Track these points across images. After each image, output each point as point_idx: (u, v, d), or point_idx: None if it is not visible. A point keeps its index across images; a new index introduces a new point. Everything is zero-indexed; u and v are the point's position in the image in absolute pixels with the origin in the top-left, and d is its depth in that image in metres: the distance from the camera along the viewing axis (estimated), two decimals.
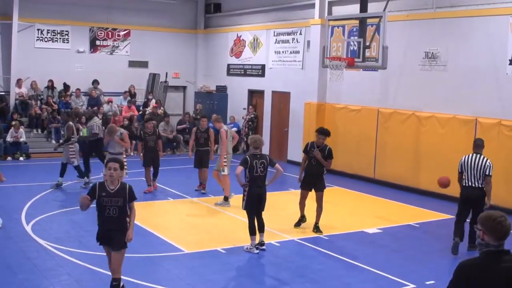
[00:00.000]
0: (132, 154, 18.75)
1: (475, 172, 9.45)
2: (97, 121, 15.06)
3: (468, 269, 3.70)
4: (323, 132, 10.40)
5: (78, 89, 20.56)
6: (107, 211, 6.59)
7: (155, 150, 13.43)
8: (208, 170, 13.51)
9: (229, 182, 12.45)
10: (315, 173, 10.35)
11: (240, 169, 8.95)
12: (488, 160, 9.50)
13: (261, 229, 9.33)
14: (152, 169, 13.57)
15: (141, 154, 13.58)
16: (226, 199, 12.49)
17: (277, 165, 9.26)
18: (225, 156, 12.49)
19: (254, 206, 9.19)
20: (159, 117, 20.47)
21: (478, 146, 9.73)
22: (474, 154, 9.62)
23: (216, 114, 20.55)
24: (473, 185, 9.48)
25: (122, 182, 6.68)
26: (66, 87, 20.51)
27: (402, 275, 8.34)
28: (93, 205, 6.77)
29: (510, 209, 11.28)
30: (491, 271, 3.63)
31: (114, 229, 6.63)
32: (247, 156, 9.11)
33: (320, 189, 10.41)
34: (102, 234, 6.76)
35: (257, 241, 9.27)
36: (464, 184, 9.60)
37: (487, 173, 9.40)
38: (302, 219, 10.72)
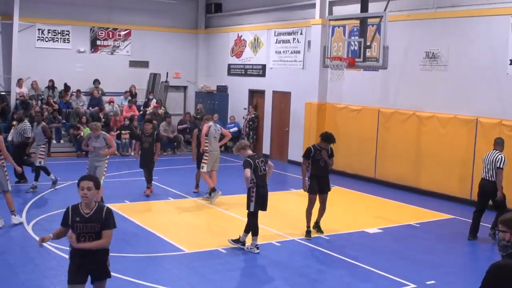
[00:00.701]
0: (132, 154, 18.76)
1: (488, 166, 10.21)
2: (28, 124, 13.97)
3: (500, 271, 3.59)
4: (327, 140, 10.14)
5: (78, 90, 20.54)
6: (81, 240, 5.42)
7: (150, 153, 13.06)
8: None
9: (207, 178, 12.72)
10: (324, 174, 10.27)
11: (249, 172, 8.97)
12: (501, 155, 10.17)
13: (248, 231, 9.35)
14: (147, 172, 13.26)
15: (137, 154, 13.47)
16: (213, 190, 12.68)
17: (269, 162, 9.48)
18: (207, 154, 12.73)
19: (260, 206, 9.22)
20: (159, 117, 20.50)
21: (496, 143, 10.49)
22: (493, 150, 10.37)
23: (217, 114, 20.80)
24: (485, 178, 10.25)
25: (99, 204, 5.54)
26: (67, 87, 20.51)
27: (402, 275, 8.34)
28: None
29: None
30: None
31: (91, 263, 5.45)
32: (248, 159, 9.11)
33: (327, 191, 10.36)
34: (76, 271, 5.52)
35: (248, 243, 9.30)
36: (481, 177, 10.43)
37: (498, 165, 10.06)
38: (310, 231, 10.26)
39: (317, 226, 10.47)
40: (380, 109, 15.46)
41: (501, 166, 10.03)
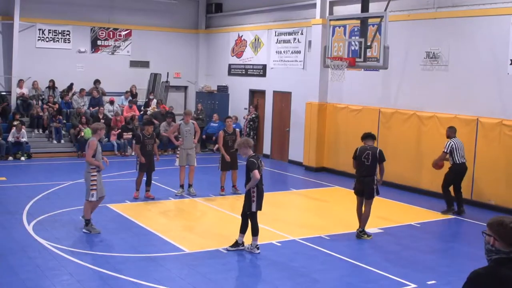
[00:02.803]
0: (132, 153, 18.49)
1: None
2: None
3: (482, 278, 3.50)
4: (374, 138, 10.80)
5: (83, 89, 20.54)
6: None
7: (152, 155, 13.00)
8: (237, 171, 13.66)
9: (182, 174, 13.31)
10: None
11: (257, 173, 8.96)
12: None
13: (244, 231, 9.34)
14: (146, 175, 12.90)
15: (142, 157, 12.60)
16: (182, 186, 13.36)
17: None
18: (180, 149, 13.37)
19: (259, 206, 9.23)
20: (163, 117, 20.49)
21: None
22: None
23: (216, 114, 20.80)
24: None
25: None
26: (70, 86, 20.53)
27: (403, 275, 8.34)
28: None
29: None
30: (504, 278, 3.43)
31: None
32: (252, 159, 9.08)
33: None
34: None
35: (246, 242, 9.30)
36: None
37: None
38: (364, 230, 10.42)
39: (365, 232, 10.37)
40: (381, 109, 15.46)
41: None
